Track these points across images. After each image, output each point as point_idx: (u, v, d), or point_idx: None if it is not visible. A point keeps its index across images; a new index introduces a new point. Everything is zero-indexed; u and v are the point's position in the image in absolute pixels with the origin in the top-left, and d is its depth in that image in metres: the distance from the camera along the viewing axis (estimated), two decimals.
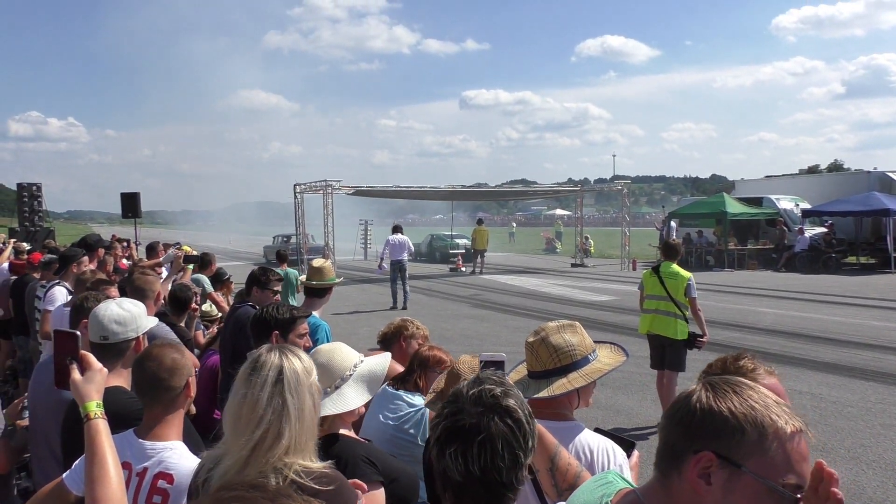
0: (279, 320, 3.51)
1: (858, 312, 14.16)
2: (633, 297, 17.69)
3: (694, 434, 1.20)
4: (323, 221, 24.00)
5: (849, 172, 37.52)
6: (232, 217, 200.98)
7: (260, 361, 1.79)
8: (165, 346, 2.39)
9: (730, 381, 1.26)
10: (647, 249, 31.80)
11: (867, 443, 6.45)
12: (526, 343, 2.33)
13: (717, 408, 1.19)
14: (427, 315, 15.45)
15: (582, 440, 2.20)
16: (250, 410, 1.73)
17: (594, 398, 2.42)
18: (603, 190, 40.95)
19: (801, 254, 23.95)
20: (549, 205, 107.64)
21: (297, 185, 24.13)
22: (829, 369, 9.34)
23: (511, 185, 53.62)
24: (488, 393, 1.46)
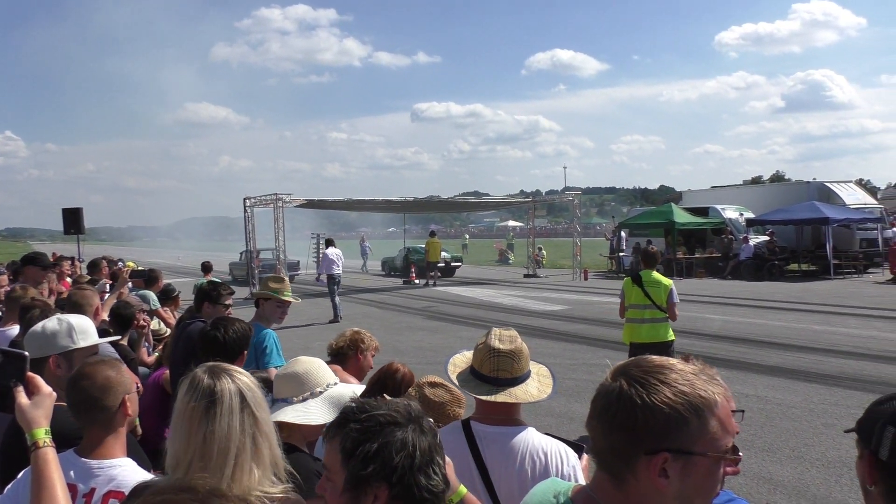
0: (228, 341, 3.47)
1: (801, 317, 14.59)
2: (584, 305, 17.98)
3: (640, 436, 1.21)
4: (274, 235, 23.71)
5: (790, 183, 38.83)
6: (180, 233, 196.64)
7: (217, 391, 1.69)
8: (99, 363, 2.28)
9: (646, 368, 1.27)
10: (599, 259, 32.27)
11: (810, 442, 6.63)
12: (499, 351, 2.31)
13: (655, 404, 1.20)
14: (380, 328, 15.37)
15: (535, 443, 2.22)
16: (223, 442, 1.65)
17: (537, 404, 2.46)
18: (554, 201, 41.49)
19: (746, 262, 24.60)
20: (501, 217, 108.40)
21: (247, 199, 23.82)
22: (773, 372, 9.59)
23: (463, 197, 53.90)
24: (411, 406, 1.46)
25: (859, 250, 24.66)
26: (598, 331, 13.91)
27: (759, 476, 5.83)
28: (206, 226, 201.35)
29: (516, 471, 2.16)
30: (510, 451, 2.20)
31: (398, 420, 1.38)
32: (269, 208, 23.83)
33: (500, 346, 2.31)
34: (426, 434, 1.39)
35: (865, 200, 26.92)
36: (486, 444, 2.22)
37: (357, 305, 20.49)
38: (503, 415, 2.26)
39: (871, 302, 16.68)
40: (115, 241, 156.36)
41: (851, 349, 10.89)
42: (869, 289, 20.01)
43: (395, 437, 1.36)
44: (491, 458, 2.19)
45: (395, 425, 1.38)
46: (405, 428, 1.38)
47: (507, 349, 2.31)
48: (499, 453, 2.20)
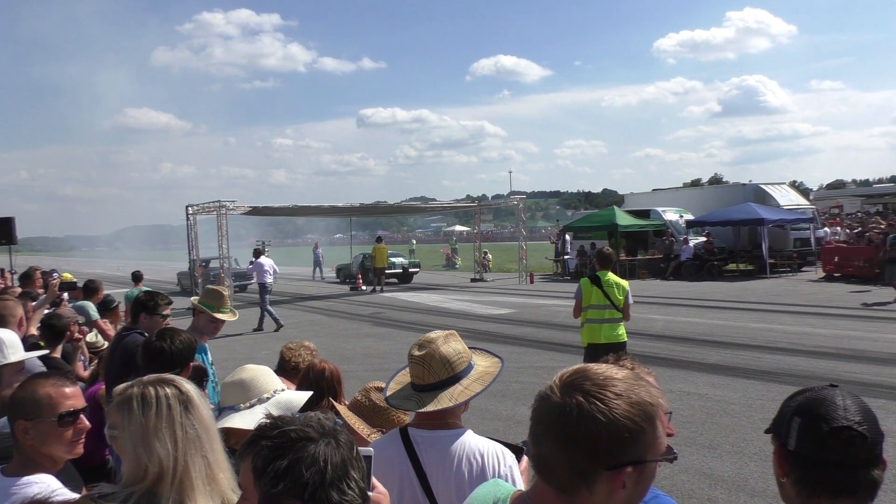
0: (174, 352, 3.38)
1: (739, 316, 15.03)
2: (531, 308, 18.16)
3: (602, 454, 1.20)
4: (218, 244, 23.28)
5: (727, 185, 39.96)
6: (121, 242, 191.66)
7: (150, 396, 1.73)
8: (37, 380, 2.25)
9: (599, 383, 1.24)
10: (544, 263, 32.66)
11: (749, 437, 6.83)
12: (414, 357, 2.32)
13: (618, 420, 1.19)
14: (327, 335, 15.24)
15: (472, 445, 2.24)
16: (189, 446, 1.70)
17: (485, 408, 2.47)
18: (500, 206, 41.83)
19: (686, 262, 25.22)
20: (448, 221, 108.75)
21: (190, 207, 23.35)
22: (714, 370, 9.85)
23: (410, 203, 53.85)
24: (323, 418, 1.44)
25: (793, 250, 25.58)
26: (544, 333, 14.06)
27: (701, 472, 5.98)
28: (148, 234, 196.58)
29: (453, 474, 2.17)
30: (447, 454, 2.21)
31: (311, 435, 1.35)
32: (213, 216, 23.40)
33: (414, 353, 2.33)
34: (341, 448, 1.37)
35: (798, 201, 27.95)
36: (423, 449, 2.23)
37: (303, 313, 20.27)
38: (437, 420, 2.27)
39: (805, 299, 17.31)
40: (52, 251, 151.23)
41: (787, 345, 11.27)
42: (803, 287, 20.75)
43: (305, 453, 1.33)
44: (428, 463, 2.20)
45: (308, 440, 1.34)
46: (317, 443, 1.35)
47: (418, 355, 2.31)
48: (436, 457, 2.21)
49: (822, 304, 16.19)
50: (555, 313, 17.10)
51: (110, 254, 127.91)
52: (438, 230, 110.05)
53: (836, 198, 46.37)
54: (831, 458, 1.44)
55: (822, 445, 1.45)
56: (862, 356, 10.23)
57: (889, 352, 10.37)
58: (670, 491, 5.54)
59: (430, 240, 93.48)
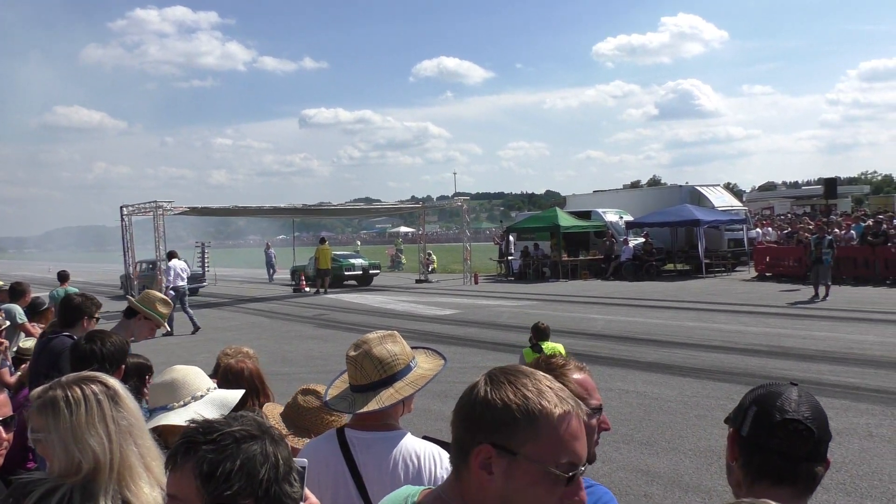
0: (106, 354, 3.28)
1: (676, 315, 15.43)
2: (474, 310, 18.27)
3: (475, 428, 1.25)
4: (154, 245, 22.66)
5: (665, 187, 40.92)
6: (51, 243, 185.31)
7: (77, 395, 1.71)
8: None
9: (509, 371, 1.30)
10: (489, 263, 32.88)
11: (684, 433, 7.02)
12: (348, 357, 2.31)
13: (494, 400, 1.24)
14: (269, 337, 15.02)
15: (408, 447, 2.23)
16: (125, 438, 1.71)
17: (423, 407, 2.45)
18: (444, 207, 41.95)
19: (626, 263, 25.75)
20: (393, 222, 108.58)
21: (125, 207, 22.65)
22: (651, 368, 10.09)
23: (354, 203, 53.47)
24: (257, 417, 1.45)
25: (728, 250, 26.41)
26: (488, 334, 14.17)
27: (638, 469, 6.11)
28: (81, 235, 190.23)
29: (389, 475, 2.16)
30: (383, 456, 2.20)
31: (253, 433, 1.35)
32: (149, 217, 22.78)
33: (350, 353, 2.31)
34: (279, 444, 1.38)
35: (732, 203, 28.88)
36: (358, 450, 2.22)
37: (245, 315, 19.94)
38: (374, 421, 2.25)
39: (739, 298, 17.89)
40: None
41: (721, 343, 11.62)
42: (737, 286, 21.43)
43: (254, 451, 1.33)
44: (364, 464, 2.19)
45: (252, 439, 1.34)
46: (262, 440, 1.35)
47: (352, 356, 2.30)
48: (372, 459, 2.20)
49: (754, 303, 16.76)
50: (499, 314, 17.24)
51: (40, 255, 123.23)
52: (383, 231, 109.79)
53: (768, 199, 47.98)
54: (778, 446, 1.54)
55: (772, 434, 1.54)
56: (791, 353, 10.63)
57: (816, 349, 10.80)
58: (607, 487, 5.65)
59: (375, 241, 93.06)
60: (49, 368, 4.18)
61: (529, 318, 15.52)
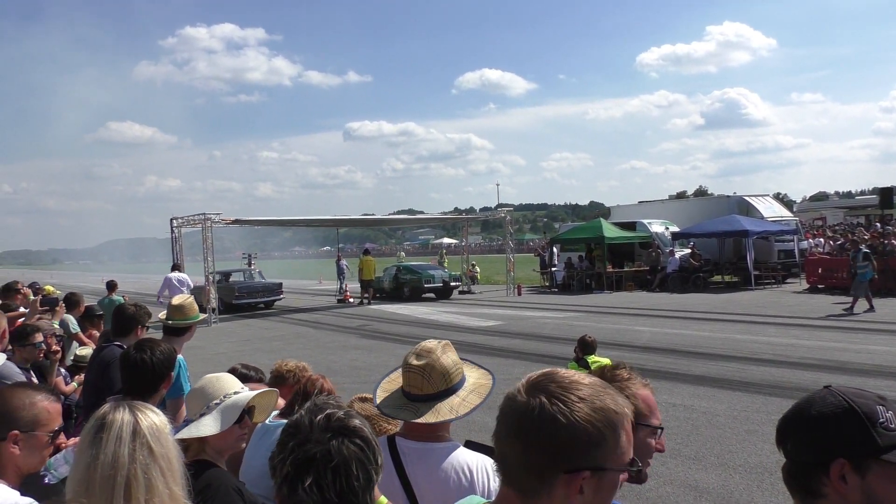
0: (156, 363, 3.31)
1: (724, 327, 15.10)
2: (518, 320, 18.17)
3: (562, 456, 1.19)
4: (203, 256, 23.12)
5: (712, 197, 40.22)
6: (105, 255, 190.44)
7: (108, 419, 1.66)
8: (11, 389, 2.23)
9: (564, 385, 1.24)
10: (532, 275, 32.71)
11: (734, 449, 6.84)
12: (411, 366, 2.26)
13: (579, 423, 1.19)
14: (314, 347, 15.17)
15: (461, 459, 2.21)
16: (106, 471, 1.60)
17: (471, 420, 2.42)
18: (488, 218, 41.89)
19: (672, 274, 25.33)
20: (436, 234, 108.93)
21: (174, 220, 23.20)
22: (699, 382, 9.88)
23: (397, 215, 53.84)
24: (334, 416, 1.46)
25: (778, 261, 25.78)
26: (531, 345, 14.07)
27: (686, 484, 5.98)
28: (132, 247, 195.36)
29: (440, 487, 2.13)
30: (435, 467, 2.17)
31: (301, 426, 1.46)
32: (198, 228, 23.27)
33: (412, 362, 2.26)
34: (317, 448, 1.42)
35: (782, 213, 28.19)
36: (410, 460, 2.19)
37: (290, 325, 20.18)
38: (426, 431, 2.22)
39: (790, 311, 17.42)
40: (35, 264, 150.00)
41: (772, 357, 11.33)
42: (787, 298, 20.89)
43: (286, 440, 1.44)
44: (415, 475, 2.17)
45: (297, 432, 1.46)
46: (300, 436, 1.44)
47: (417, 364, 2.25)
48: (423, 469, 2.17)
49: (805, 316, 16.31)
50: (542, 325, 17.12)
51: (94, 267, 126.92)
52: (426, 242, 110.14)
53: (820, 210, 46.82)
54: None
55: None
56: (847, 367, 10.31)
57: (872, 363, 10.45)
58: (654, 502, 5.55)
59: (418, 252, 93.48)
60: (98, 378, 4.29)
61: (573, 330, 15.38)
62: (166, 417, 1.77)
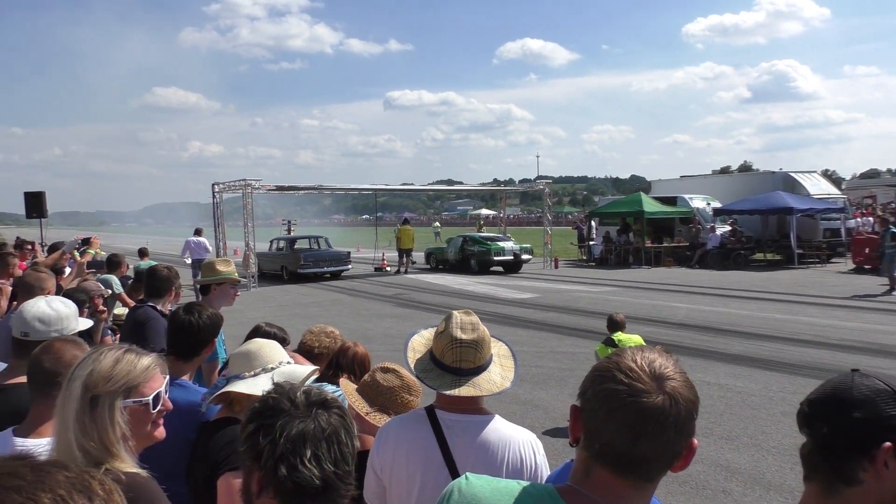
0: (202, 326, 3.35)
1: (764, 306, 14.85)
2: (554, 294, 18.12)
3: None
4: (243, 222, 23.47)
5: (756, 173, 39.23)
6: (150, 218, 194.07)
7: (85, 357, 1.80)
8: (67, 341, 2.30)
9: (670, 367, 1.35)
10: (569, 248, 32.46)
11: (768, 430, 6.77)
12: (463, 341, 2.21)
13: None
14: (349, 315, 15.35)
15: (503, 431, 2.19)
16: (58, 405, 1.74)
17: (513, 394, 2.41)
18: (526, 190, 41.63)
19: (712, 251, 24.92)
20: (474, 204, 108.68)
21: (216, 185, 23.53)
22: (735, 360, 9.76)
23: (436, 185, 53.77)
24: (312, 392, 1.49)
25: (823, 240, 25.13)
26: (566, 318, 14.03)
27: (717, 463, 5.94)
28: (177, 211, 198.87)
29: (485, 460, 2.11)
30: (479, 440, 2.15)
31: (282, 405, 1.43)
32: (239, 194, 23.59)
33: (463, 336, 2.22)
34: (306, 422, 1.41)
35: (829, 191, 27.41)
36: (453, 433, 2.16)
37: (326, 292, 20.42)
38: (470, 403, 2.20)
39: (833, 291, 17.03)
40: (82, 225, 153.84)
41: (811, 338, 11.13)
42: (831, 278, 20.42)
43: (269, 422, 1.41)
44: (459, 449, 2.14)
45: (279, 411, 1.42)
46: (285, 414, 1.42)
47: (469, 339, 2.22)
48: (466, 442, 2.15)
49: (849, 297, 15.95)
50: (577, 298, 17.04)
51: (139, 229, 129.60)
52: (465, 213, 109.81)
53: (870, 187, 45.38)
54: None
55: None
56: (890, 350, 10.08)
57: None
58: (685, 481, 5.53)
59: (456, 222, 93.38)
60: (132, 338, 4.37)
61: (609, 305, 15.29)
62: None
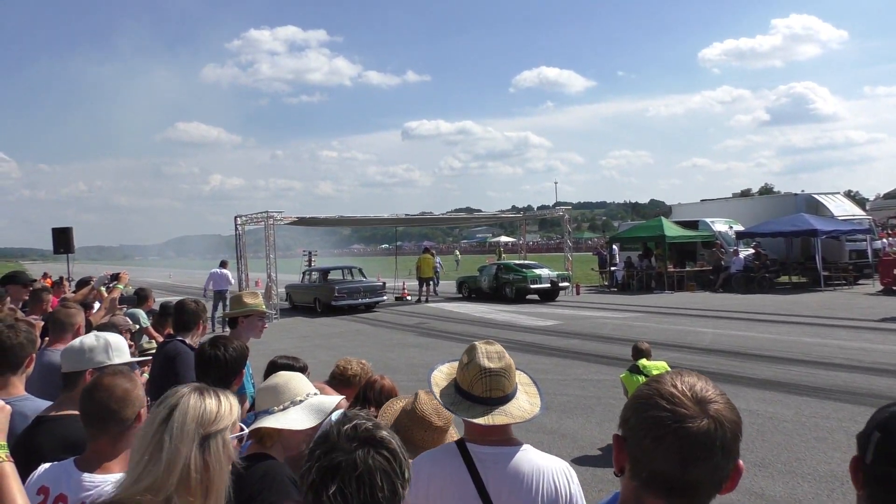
0: (229, 359, 3.34)
1: (791, 330, 14.61)
2: (577, 320, 17.98)
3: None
4: (265, 253, 23.65)
5: (778, 195, 38.97)
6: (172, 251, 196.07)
7: (167, 396, 1.66)
8: (117, 374, 2.28)
9: (709, 390, 1.33)
10: (590, 274, 32.30)
11: (802, 456, 6.62)
12: (492, 370, 2.21)
13: (739, 419, 1.34)
14: (371, 345, 15.32)
15: (536, 462, 2.15)
16: (138, 442, 1.62)
17: (539, 423, 2.38)
18: (545, 216, 41.60)
19: (736, 274, 24.65)
20: (493, 232, 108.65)
21: (238, 217, 23.78)
22: (765, 386, 9.58)
23: (455, 213, 53.91)
24: (361, 427, 1.46)
25: (849, 262, 24.77)
26: (589, 345, 13.89)
27: (751, 491, 5.80)
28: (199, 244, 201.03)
29: (520, 492, 2.08)
30: (512, 472, 2.11)
31: (329, 436, 1.48)
32: (261, 226, 23.81)
33: (491, 366, 2.21)
34: (343, 456, 1.43)
35: (854, 212, 27.09)
36: (486, 467, 2.12)
37: (348, 323, 20.42)
38: (501, 435, 2.17)
39: (862, 313, 16.73)
40: (107, 259, 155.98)
41: (842, 361, 10.91)
42: (859, 300, 20.08)
43: (313, 448, 1.47)
44: (493, 481, 2.10)
45: (323, 440, 1.48)
46: (328, 444, 1.45)
47: (497, 367, 2.21)
48: (500, 476, 2.11)
49: (880, 319, 15.65)
50: (600, 325, 16.90)
51: (161, 262, 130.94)
52: (484, 241, 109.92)
53: (895, 208, 44.79)
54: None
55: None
56: None
57: None
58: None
59: (476, 250, 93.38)
60: (162, 373, 4.38)
61: (633, 331, 15.13)
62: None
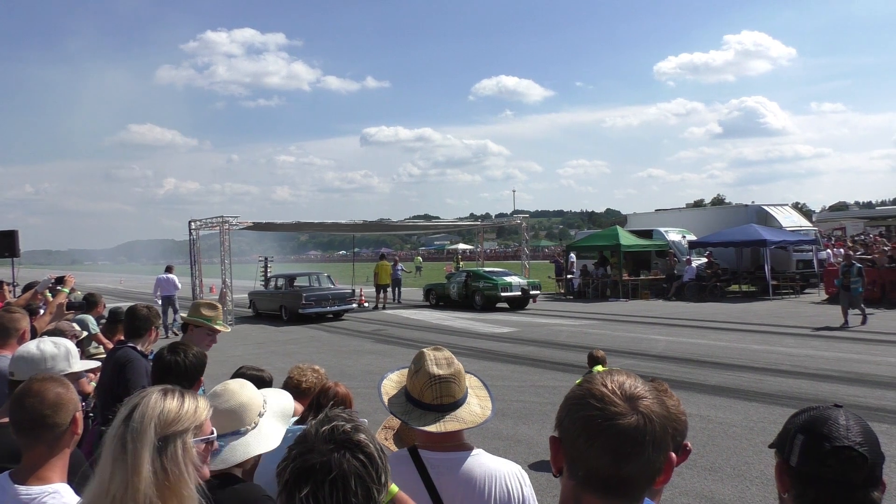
0: (188, 366, 3.26)
1: (741, 337, 14.96)
2: (533, 327, 18.11)
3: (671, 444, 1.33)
4: (220, 259, 23.29)
5: (730, 206, 39.81)
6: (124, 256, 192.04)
7: (132, 396, 1.58)
8: (47, 379, 2.16)
9: (640, 387, 1.26)
10: (547, 282, 32.56)
11: (750, 460, 6.77)
12: (442, 377, 2.21)
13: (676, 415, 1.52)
14: (327, 352, 15.20)
15: (490, 467, 2.15)
16: (104, 446, 1.54)
17: (484, 427, 2.39)
18: (503, 224, 41.85)
19: (689, 283, 25.14)
20: (451, 239, 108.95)
21: (193, 222, 23.39)
22: (715, 392, 9.79)
23: (413, 220, 53.88)
24: (339, 429, 1.44)
25: (796, 271, 25.52)
26: (545, 352, 14.01)
27: (702, 495, 5.92)
28: (151, 249, 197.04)
29: (473, 497, 2.08)
30: (465, 477, 2.11)
31: (307, 435, 1.48)
32: (216, 231, 23.45)
33: (440, 372, 2.21)
34: (317, 458, 1.44)
35: (801, 223, 27.88)
36: (439, 473, 2.11)
37: (303, 329, 20.23)
38: (453, 440, 2.17)
39: (808, 321, 17.24)
40: (55, 264, 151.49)
41: (789, 368, 11.21)
42: (806, 309, 20.67)
43: (291, 448, 1.47)
44: (446, 487, 2.09)
45: (302, 440, 1.48)
46: (305, 445, 1.47)
47: (447, 374, 2.21)
48: (453, 481, 2.10)
49: (823, 327, 16.13)
50: (556, 332, 17.05)
51: (112, 267, 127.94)
52: (441, 248, 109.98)
53: (839, 219, 46.22)
54: (831, 476, 1.47)
55: (823, 464, 1.47)
56: (865, 379, 10.17)
57: (891, 375, 10.31)
58: None
59: (434, 257, 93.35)
60: (112, 380, 4.27)
61: (588, 338, 15.31)
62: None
